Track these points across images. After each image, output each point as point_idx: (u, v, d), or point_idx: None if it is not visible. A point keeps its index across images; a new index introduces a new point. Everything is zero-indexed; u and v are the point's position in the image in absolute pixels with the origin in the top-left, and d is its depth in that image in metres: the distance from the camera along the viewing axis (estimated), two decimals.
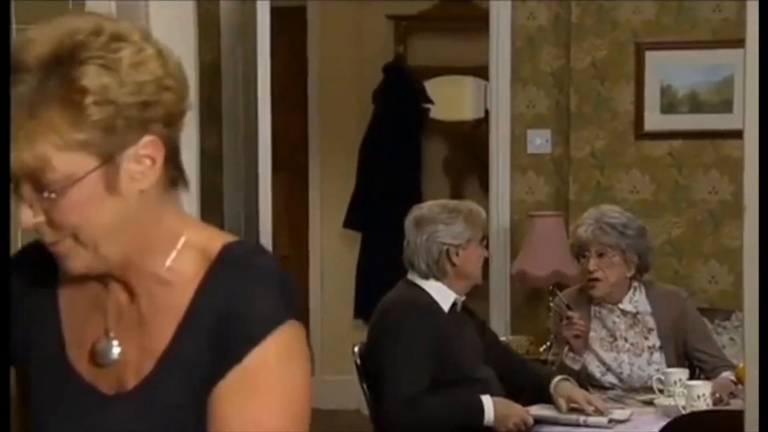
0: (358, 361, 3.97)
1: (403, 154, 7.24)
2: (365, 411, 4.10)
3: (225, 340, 1.55)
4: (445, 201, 4.11)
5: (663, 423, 3.36)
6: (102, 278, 1.62)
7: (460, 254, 3.88)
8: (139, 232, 1.56)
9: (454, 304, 3.89)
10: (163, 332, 1.58)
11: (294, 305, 1.59)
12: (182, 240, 1.60)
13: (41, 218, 1.52)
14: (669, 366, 4.08)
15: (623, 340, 4.16)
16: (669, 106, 5.66)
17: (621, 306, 4.18)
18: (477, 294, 4.12)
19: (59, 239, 1.53)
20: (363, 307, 6.97)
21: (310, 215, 7.47)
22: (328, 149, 7.38)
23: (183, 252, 1.60)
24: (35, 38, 1.50)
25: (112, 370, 1.61)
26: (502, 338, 5.51)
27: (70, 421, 1.61)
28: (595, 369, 4.14)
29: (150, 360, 1.59)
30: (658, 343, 4.15)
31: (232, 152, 5.67)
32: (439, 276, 3.87)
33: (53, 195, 1.49)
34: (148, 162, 1.53)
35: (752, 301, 1.63)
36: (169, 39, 1.62)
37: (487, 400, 3.68)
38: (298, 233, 7.46)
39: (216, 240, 1.62)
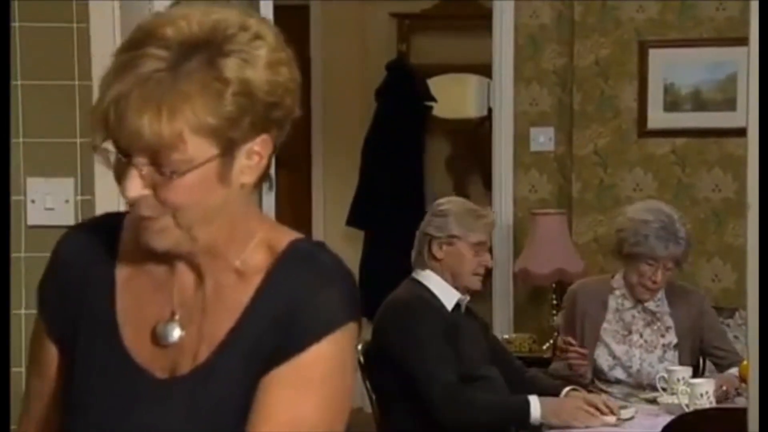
0: (362, 359, 3.97)
1: (406, 153, 7.24)
2: (368, 409, 4.10)
3: (287, 331, 1.57)
4: (468, 202, 4.06)
5: (666, 421, 3.36)
6: (170, 260, 1.63)
7: (444, 249, 3.87)
8: (229, 222, 1.59)
9: (458, 305, 3.89)
10: (225, 321, 1.60)
11: (357, 307, 1.63)
12: (258, 235, 1.64)
13: (148, 192, 1.53)
14: (682, 364, 4.08)
15: (638, 335, 4.15)
16: (672, 104, 5.66)
17: (646, 305, 4.17)
18: (479, 292, 4.11)
19: (158, 215, 1.55)
20: (366, 305, 6.93)
21: (313, 213, 7.47)
22: (330, 147, 7.38)
23: (256, 247, 1.63)
24: (182, 18, 1.52)
25: (169, 353, 1.62)
26: (505, 336, 5.53)
27: (118, 401, 1.61)
28: (604, 362, 4.13)
29: (208, 347, 1.60)
30: (674, 341, 4.14)
31: None
32: (422, 267, 3.88)
33: (173, 175, 1.51)
34: (256, 158, 1.57)
35: (755, 299, 1.63)
36: None
37: (534, 400, 3.66)
38: (301, 231, 7.44)
39: (285, 236, 1.66)
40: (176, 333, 1.62)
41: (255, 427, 1.57)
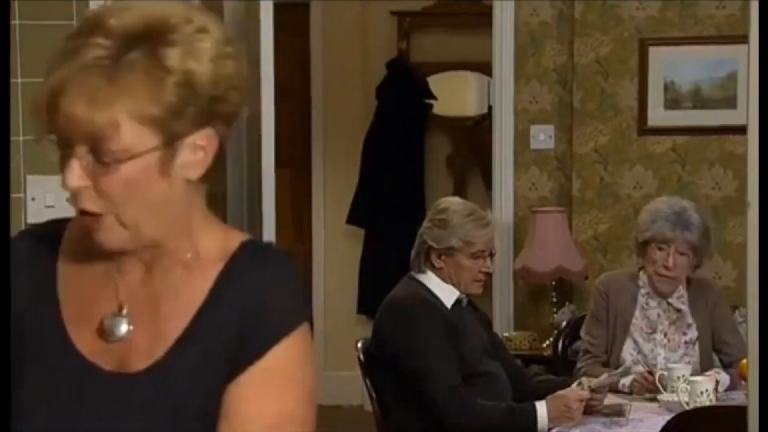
0: (362, 357, 3.97)
1: (407, 150, 7.24)
2: (368, 407, 4.10)
3: (248, 337, 1.57)
4: (470, 206, 3.96)
5: (666, 418, 3.36)
6: (114, 255, 1.62)
7: (443, 259, 3.85)
8: (176, 218, 1.59)
9: (458, 301, 3.89)
10: (179, 318, 1.60)
11: (307, 305, 1.65)
12: (207, 232, 1.63)
13: (88, 183, 1.53)
14: (703, 360, 4.10)
15: (662, 334, 4.15)
16: (673, 102, 5.66)
17: (669, 300, 4.17)
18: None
19: (100, 211, 1.54)
20: (366, 303, 6.98)
21: (313, 211, 7.47)
22: (331, 145, 7.39)
23: (204, 245, 1.62)
24: (127, 9, 1.54)
25: (116, 348, 1.61)
26: (505, 334, 5.53)
27: (67, 396, 1.60)
28: (628, 356, 4.12)
29: (163, 344, 1.59)
30: (695, 336, 4.15)
31: (236, 148, 5.67)
32: (421, 270, 3.87)
33: (111, 163, 1.51)
34: (201, 153, 1.57)
35: (755, 297, 1.63)
36: None
37: (541, 407, 3.65)
38: (301, 229, 7.47)
39: (236, 236, 1.65)
40: (124, 328, 1.61)
41: None
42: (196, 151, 1.56)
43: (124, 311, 1.62)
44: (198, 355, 1.58)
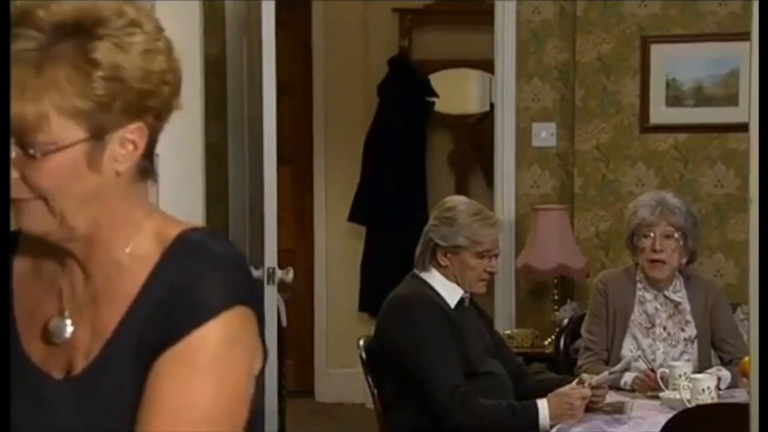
0: (364, 355, 3.97)
1: (408, 148, 7.24)
2: (370, 405, 4.10)
3: (170, 317, 1.54)
4: (476, 206, 3.96)
5: (668, 416, 3.36)
6: (60, 258, 1.62)
7: (449, 257, 3.86)
8: (107, 212, 1.58)
9: (461, 300, 3.89)
10: (114, 315, 1.58)
11: (247, 292, 1.59)
12: (146, 226, 1.62)
13: (16, 175, 1.52)
14: (701, 357, 4.10)
15: (661, 328, 4.16)
16: (674, 99, 5.66)
17: (666, 293, 4.18)
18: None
19: (29, 197, 1.54)
20: (368, 301, 6.98)
21: (315, 209, 7.47)
22: (332, 143, 7.39)
23: (142, 238, 1.61)
24: (56, 1, 1.53)
25: (61, 352, 1.60)
26: (507, 331, 5.53)
27: (23, 405, 1.59)
28: (628, 353, 4.13)
29: (99, 343, 1.58)
30: (694, 334, 4.16)
31: (237, 146, 5.67)
32: (425, 268, 3.87)
33: (37, 154, 1.51)
34: (130, 147, 1.56)
35: (757, 294, 1.63)
36: (175, 33, 1.64)
37: (542, 405, 3.65)
38: (303, 227, 7.47)
39: (174, 227, 1.63)
40: (68, 330, 1.60)
41: (142, 418, 1.53)
42: (126, 144, 1.55)
43: (66, 313, 1.61)
44: (129, 350, 1.56)
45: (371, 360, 3.94)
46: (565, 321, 4.90)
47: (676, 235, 4.12)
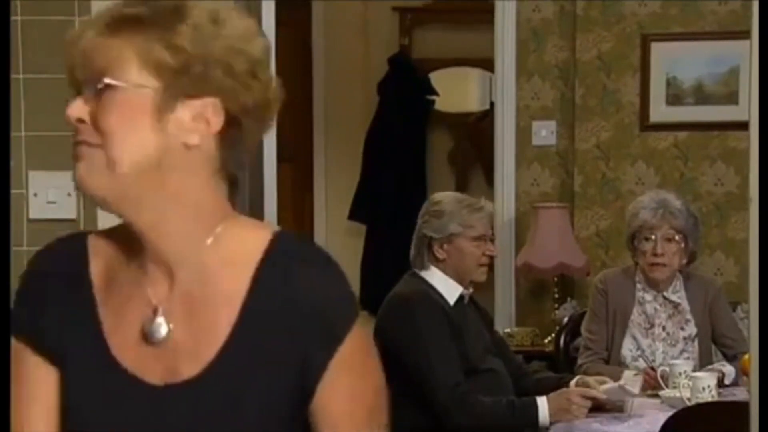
0: None
1: (408, 146, 7.24)
2: None
3: (321, 330, 1.58)
4: (461, 195, 4.04)
5: (668, 414, 3.36)
6: (139, 260, 1.60)
7: (445, 248, 3.86)
8: (173, 188, 1.56)
9: (461, 297, 3.89)
10: (221, 315, 1.57)
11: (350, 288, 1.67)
12: (226, 223, 1.61)
13: (87, 117, 1.55)
14: (702, 355, 4.11)
15: (660, 328, 4.16)
16: (675, 97, 5.65)
17: (665, 294, 4.18)
18: (482, 286, 4.11)
19: (92, 142, 1.54)
20: (368, 299, 6.96)
21: (315, 207, 7.47)
22: (333, 141, 7.39)
23: (227, 236, 1.60)
24: None
25: (160, 356, 1.59)
26: (507, 330, 5.53)
27: (115, 415, 1.58)
28: (628, 353, 4.13)
29: (211, 346, 1.57)
30: (694, 332, 4.16)
31: None
32: (423, 267, 3.87)
33: (108, 91, 1.53)
34: (203, 123, 1.56)
35: (757, 293, 1.63)
36: None
37: (542, 402, 3.65)
38: (303, 225, 7.46)
39: (264, 228, 1.64)
40: (164, 329, 1.59)
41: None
42: (199, 119, 1.55)
43: (160, 311, 1.59)
44: (254, 355, 1.56)
45: None
46: (565, 319, 4.91)
47: (677, 237, 4.12)
